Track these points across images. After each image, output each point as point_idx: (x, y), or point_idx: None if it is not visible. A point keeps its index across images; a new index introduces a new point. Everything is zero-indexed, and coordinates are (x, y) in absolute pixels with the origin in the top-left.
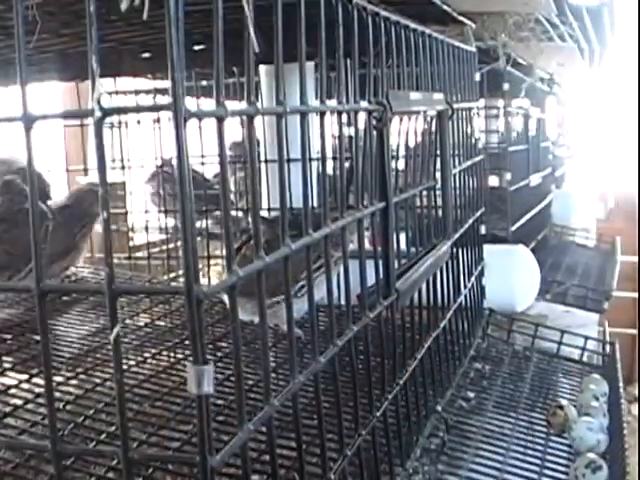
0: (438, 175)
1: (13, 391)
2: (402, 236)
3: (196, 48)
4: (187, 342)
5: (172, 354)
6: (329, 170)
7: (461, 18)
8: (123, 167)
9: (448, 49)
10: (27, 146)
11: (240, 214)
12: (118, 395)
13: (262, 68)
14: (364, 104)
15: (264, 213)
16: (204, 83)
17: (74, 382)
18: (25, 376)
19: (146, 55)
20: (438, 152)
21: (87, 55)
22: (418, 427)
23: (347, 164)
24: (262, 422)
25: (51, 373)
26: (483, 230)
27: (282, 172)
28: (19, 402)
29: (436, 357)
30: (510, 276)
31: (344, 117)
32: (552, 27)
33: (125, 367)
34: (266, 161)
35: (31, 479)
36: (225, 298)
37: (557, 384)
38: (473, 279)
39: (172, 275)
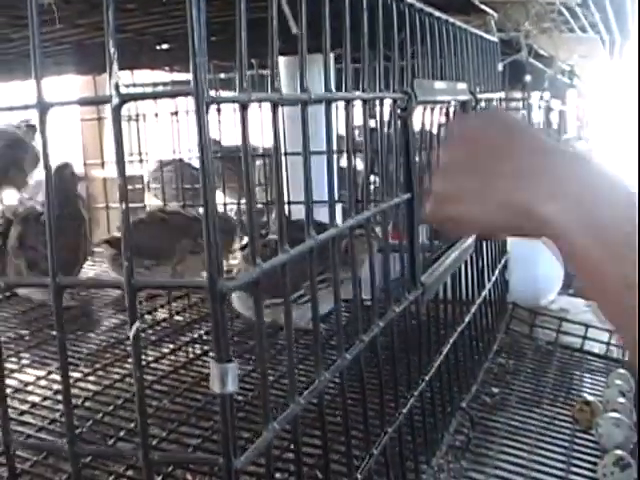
0: None
1: (31, 388)
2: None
3: (214, 39)
4: (205, 337)
5: (191, 349)
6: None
7: (484, 7)
8: (141, 160)
9: (471, 38)
10: (42, 134)
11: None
12: (138, 393)
13: (281, 60)
14: (389, 93)
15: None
16: (222, 76)
17: (92, 378)
18: (43, 372)
19: (164, 46)
20: None
21: (104, 47)
22: (444, 424)
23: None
24: (287, 421)
25: (68, 369)
26: None
27: (306, 161)
28: (37, 399)
29: (461, 352)
30: (534, 268)
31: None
32: (573, 18)
33: (144, 363)
34: (286, 154)
35: (49, 477)
36: (233, 298)
37: (582, 379)
38: (497, 272)
39: None
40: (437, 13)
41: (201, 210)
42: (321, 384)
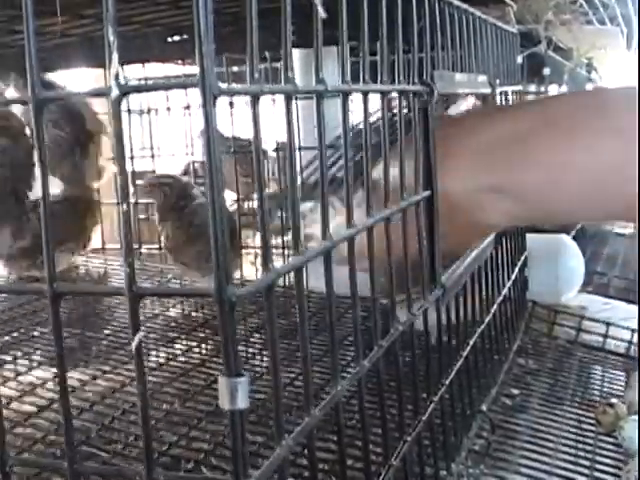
0: None
1: (39, 390)
2: None
3: (226, 30)
4: (218, 337)
5: (204, 349)
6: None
7: None
8: (152, 155)
9: (491, 30)
10: (37, 129)
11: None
12: (141, 410)
13: (295, 52)
14: (410, 85)
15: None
16: (235, 69)
17: (101, 381)
18: (51, 374)
19: (175, 38)
20: None
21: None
22: (464, 428)
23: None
24: (303, 435)
25: (67, 387)
26: None
27: (322, 158)
28: (45, 402)
29: (480, 353)
30: (555, 265)
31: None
32: (591, 10)
33: (155, 365)
34: (300, 148)
35: None
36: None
37: (603, 379)
38: (516, 270)
39: None
40: (457, 2)
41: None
42: (338, 394)
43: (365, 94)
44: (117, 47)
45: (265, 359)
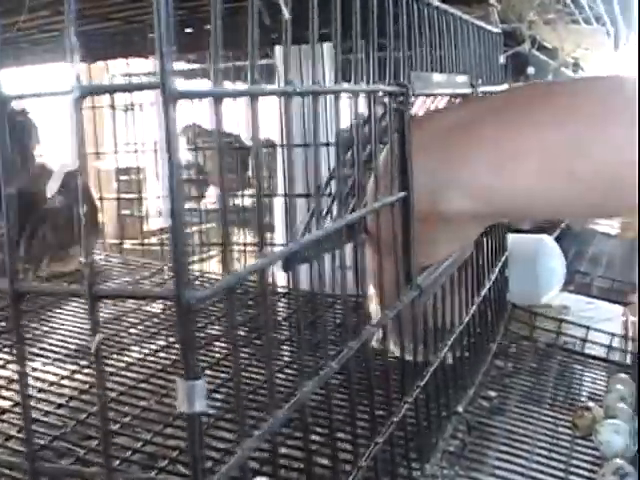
0: None
1: (15, 385)
2: None
3: (207, 28)
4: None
5: None
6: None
7: None
8: (136, 151)
9: (473, 30)
10: (0, 127)
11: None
12: (101, 410)
13: (278, 50)
14: (384, 86)
15: (280, 199)
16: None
17: (79, 376)
18: (28, 369)
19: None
20: None
21: (92, 35)
22: (438, 429)
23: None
24: (266, 437)
25: (27, 386)
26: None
27: (290, 157)
28: (19, 397)
29: (458, 355)
30: (535, 266)
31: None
32: (577, 9)
33: (134, 360)
34: (282, 146)
35: None
36: None
37: (582, 383)
38: (496, 271)
39: None
40: (436, 3)
41: None
42: (303, 396)
43: (336, 95)
44: (79, 48)
45: (244, 358)
